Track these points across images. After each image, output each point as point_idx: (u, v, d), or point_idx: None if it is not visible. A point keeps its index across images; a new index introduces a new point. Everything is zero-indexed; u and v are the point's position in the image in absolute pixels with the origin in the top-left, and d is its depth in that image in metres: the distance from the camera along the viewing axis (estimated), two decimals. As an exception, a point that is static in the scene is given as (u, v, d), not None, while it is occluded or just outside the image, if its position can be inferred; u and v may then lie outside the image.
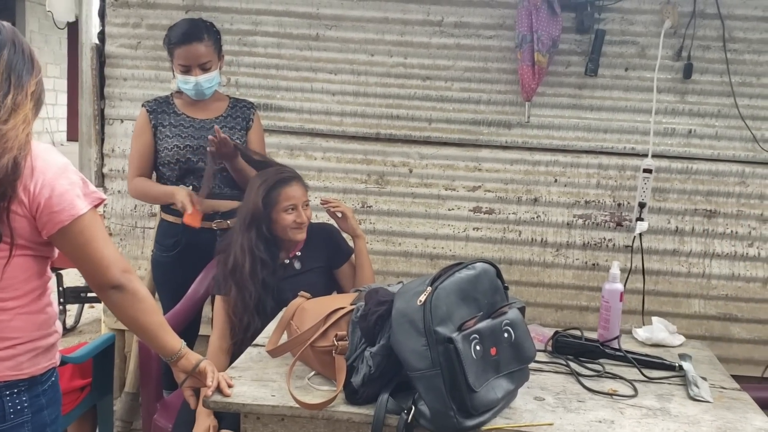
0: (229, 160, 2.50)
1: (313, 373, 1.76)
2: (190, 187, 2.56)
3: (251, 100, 2.86)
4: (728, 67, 2.95)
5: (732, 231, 3.06)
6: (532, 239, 3.12)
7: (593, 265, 3.10)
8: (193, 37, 2.51)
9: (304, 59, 3.09)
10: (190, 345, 2.09)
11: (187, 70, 2.53)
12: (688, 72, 2.95)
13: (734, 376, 2.00)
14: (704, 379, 1.90)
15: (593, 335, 2.13)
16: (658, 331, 2.21)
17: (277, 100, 3.11)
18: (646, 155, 2.98)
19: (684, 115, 3.02)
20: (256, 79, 3.11)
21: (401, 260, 3.17)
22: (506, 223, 3.12)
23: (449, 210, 3.13)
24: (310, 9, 3.05)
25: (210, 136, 2.41)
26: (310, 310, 1.80)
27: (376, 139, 3.11)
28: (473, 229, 3.13)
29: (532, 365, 1.71)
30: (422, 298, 1.50)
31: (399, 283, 1.81)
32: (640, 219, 2.97)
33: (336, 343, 1.66)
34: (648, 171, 2.93)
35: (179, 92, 2.65)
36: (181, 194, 2.44)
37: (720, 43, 2.94)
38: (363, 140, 3.12)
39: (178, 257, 2.60)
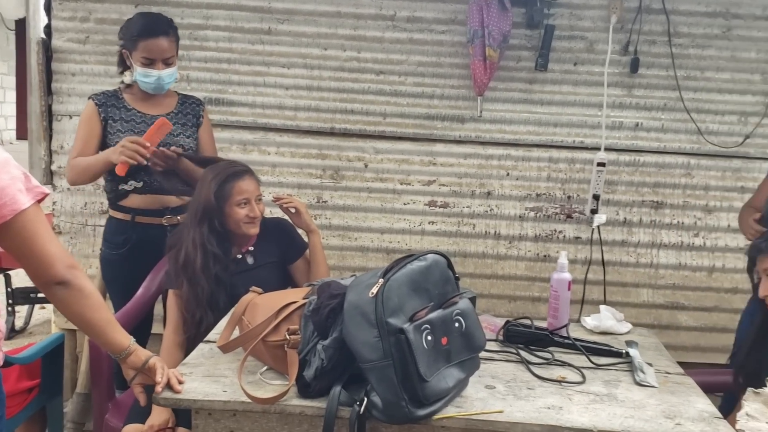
0: (174, 167, 2.46)
1: (265, 368, 1.76)
2: (141, 183, 2.52)
3: (203, 94, 2.83)
4: (673, 62, 3.02)
5: (678, 221, 3.14)
6: (486, 232, 3.16)
7: (544, 256, 3.15)
8: (160, 31, 2.47)
9: (256, 53, 3.07)
10: (143, 343, 2.06)
11: (150, 63, 2.48)
12: (634, 66, 3.02)
13: (682, 363, 2.05)
14: (650, 365, 1.95)
15: (544, 324, 2.17)
16: (605, 319, 2.26)
17: (229, 95, 3.09)
18: (595, 148, 3.04)
19: (631, 109, 3.09)
20: (208, 73, 3.07)
21: (357, 255, 3.18)
22: (461, 217, 3.15)
23: (405, 204, 3.14)
24: (261, 3, 3.03)
25: (149, 155, 2.36)
26: (262, 305, 1.79)
27: (331, 133, 3.11)
28: (429, 222, 3.15)
29: (484, 354, 1.73)
30: (374, 290, 1.51)
31: (352, 276, 1.81)
32: (594, 211, 3.03)
33: (288, 337, 1.66)
34: (602, 164, 2.99)
35: (128, 87, 2.60)
36: (116, 149, 2.35)
37: (665, 38, 3.02)
38: (317, 135, 3.11)
39: (128, 255, 2.56)
